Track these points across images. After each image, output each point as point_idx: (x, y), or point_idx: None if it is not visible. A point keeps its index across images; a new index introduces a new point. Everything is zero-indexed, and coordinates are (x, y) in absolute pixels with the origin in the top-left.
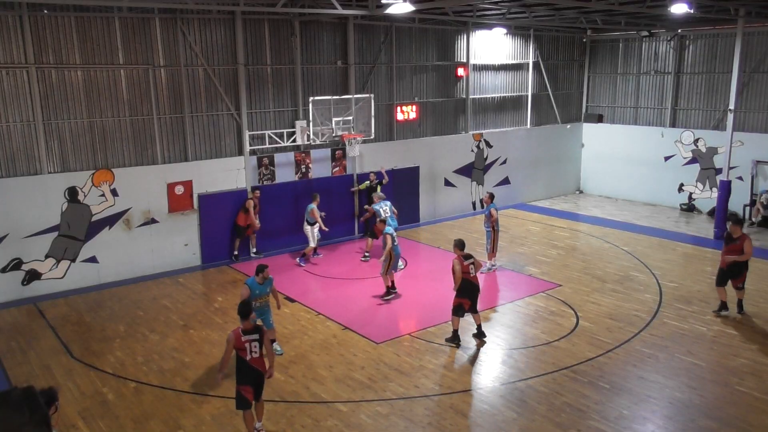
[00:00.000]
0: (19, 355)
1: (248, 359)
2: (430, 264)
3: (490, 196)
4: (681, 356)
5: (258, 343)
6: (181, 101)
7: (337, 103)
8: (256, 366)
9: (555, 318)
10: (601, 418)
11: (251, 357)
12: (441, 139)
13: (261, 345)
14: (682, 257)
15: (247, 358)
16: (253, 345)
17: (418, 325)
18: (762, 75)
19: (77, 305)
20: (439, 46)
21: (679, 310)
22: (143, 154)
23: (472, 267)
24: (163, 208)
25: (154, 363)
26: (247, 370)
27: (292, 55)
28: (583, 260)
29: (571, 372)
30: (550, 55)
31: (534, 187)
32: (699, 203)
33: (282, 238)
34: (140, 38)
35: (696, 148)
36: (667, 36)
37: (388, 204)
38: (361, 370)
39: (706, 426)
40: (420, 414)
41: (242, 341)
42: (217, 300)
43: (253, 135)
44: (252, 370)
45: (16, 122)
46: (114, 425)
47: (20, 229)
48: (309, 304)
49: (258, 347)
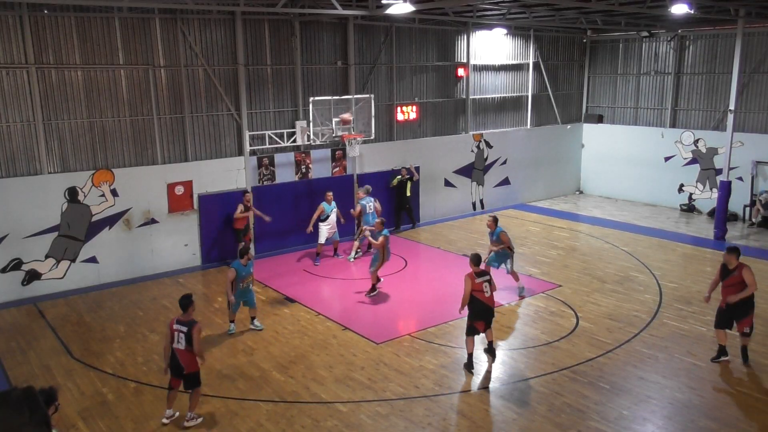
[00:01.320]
0: (19, 355)
1: (173, 346)
2: (429, 264)
3: (494, 219)
4: (681, 357)
5: (185, 336)
6: (181, 101)
7: (338, 104)
8: (178, 355)
9: (555, 318)
10: (601, 418)
11: (176, 346)
12: (441, 140)
13: (188, 339)
14: (682, 258)
15: (173, 345)
16: (180, 336)
17: (418, 326)
18: (762, 75)
19: (77, 305)
20: (439, 46)
21: (679, 310)
22: (143, 154)
23: (487, 286)
24: (163, 209)
25: (154, 363)
26: (172, 357)
27: (292, 55)
28: (583, 261)
29: (571, 372)
30: (550, 56)
31: (534, 187)
32: (699, 204)
33: (282, 238)
34: (140, 38)
35: (696, 148)
36: (667, 36)
37: (371, 201)
38: (361, 370)
39: (706, 426)
40: (420, 414)
41: (173, 329)
42: (216, 300)
43: (253, 135)
44: (174, 358)
45: (16, 122)
46: (114, 425)
47: (20, 230)
48: (309, 304)
49: (184, 339)
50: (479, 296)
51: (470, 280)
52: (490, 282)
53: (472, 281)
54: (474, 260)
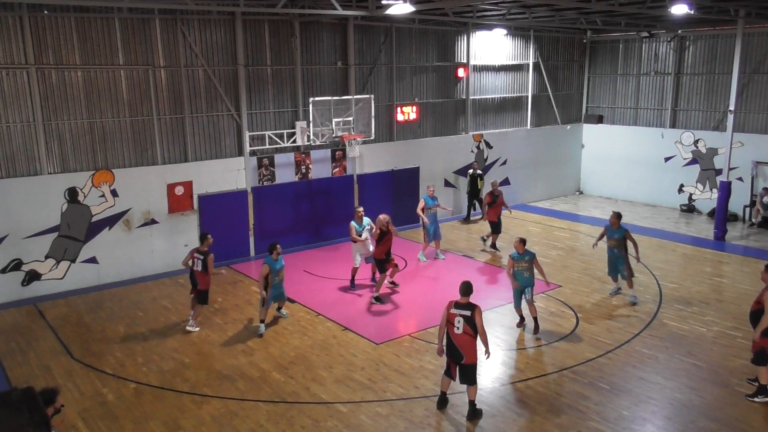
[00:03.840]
0: (18, 355)
1: (192, 269)
2: (429, 265)
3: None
4: (681, 357)
5: (201, 262)
6: (181, 102)
7: (337, 104)
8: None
9: (555, 319)
10: (601, 419)
11: (195, 268)
12: (441, 140)
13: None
14: (681, 258)
15: (192, 268)
16: (197, 261)
17: (417, 326)
18: (762, 76)
19: (77, 306)
20: (439, 46)
21: (679, 311)
22: (143, 154)
23: (460, 322)
24: (163, 209)
25: (153, 364)
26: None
27: (292, 55)
28: (583, 261)
29: (571, 373)
30: (550, 56)
31: (534, 187)
32: (699, 204)
33: (282, 239)
34: (140, 39)
35: (696, 148)
36: (667, 37)
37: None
38: (361, 370)
39: (706, 427)
40: (420, 415)
41: (193, 256)
42: (216, 301)
43: (253, 136)
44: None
45: (16, 123)
46: (114, 426)
47: (20, 230)
48: (309, 305)
49: (200, 264)
50: (449, 330)
51: (445, 310)
52: (468, 320)
53: (446, 311)
54: (461, 289)
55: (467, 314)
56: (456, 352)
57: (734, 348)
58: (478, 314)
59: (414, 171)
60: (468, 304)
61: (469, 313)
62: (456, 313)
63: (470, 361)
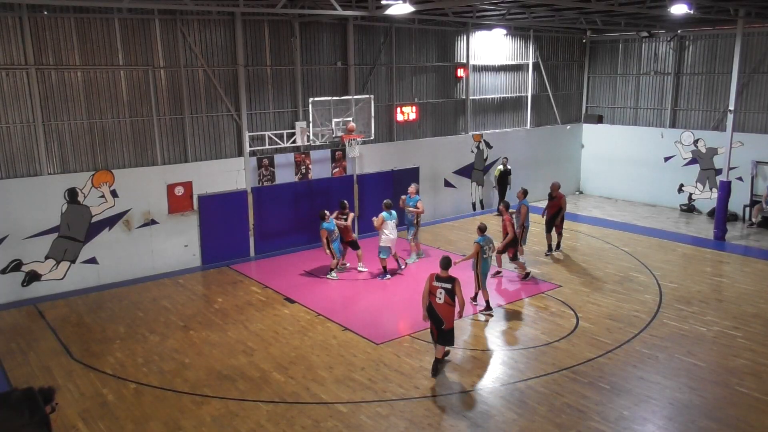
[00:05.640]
0: (19, 356)
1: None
2: (429, 264)
3: (523, 192)
4: (681, 357)
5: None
6: (180, 102)
7: (337, 104)
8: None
9: (555, 319)
10: (601, 418)
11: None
12: (441, 140)
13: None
14: (682, 258)
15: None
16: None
17: (418, 326)
18: (762, 75)
19: (77, 306)
20: (438, 46)
21: (679, 310)
22: (143, 155)
23: (441, 293)
24: (163, 209)
25: (154, 364)
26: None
27: (291, 56)
28: (583, 261)
29: (571, 373)
30: (549, 56)
31: (534, 187)
32: (699, 204)
33: (282, 239)
34: (140, 39)
35: (696, 148)
36: (666, 37)
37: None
38: (361, 370)
39: (706, 427)
40: (420, 415)
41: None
42: (217, 301)
43: (252, 136)
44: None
45: (15, 123)
46: (114, 426)
47: (20, 231)
48: (309, 305)
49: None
50: (432, 300)
51: (428, 282)
52: (449, 292)
53: (429, 282)
54: (441, 263)
55: (448, 287)
56: (437, 318)
57: (734, 348)
58: (457, 286)
59: (414, 171)
60: (449, 277)
61: (450, 285)
62: (438, 286)
63: (449, 327)
